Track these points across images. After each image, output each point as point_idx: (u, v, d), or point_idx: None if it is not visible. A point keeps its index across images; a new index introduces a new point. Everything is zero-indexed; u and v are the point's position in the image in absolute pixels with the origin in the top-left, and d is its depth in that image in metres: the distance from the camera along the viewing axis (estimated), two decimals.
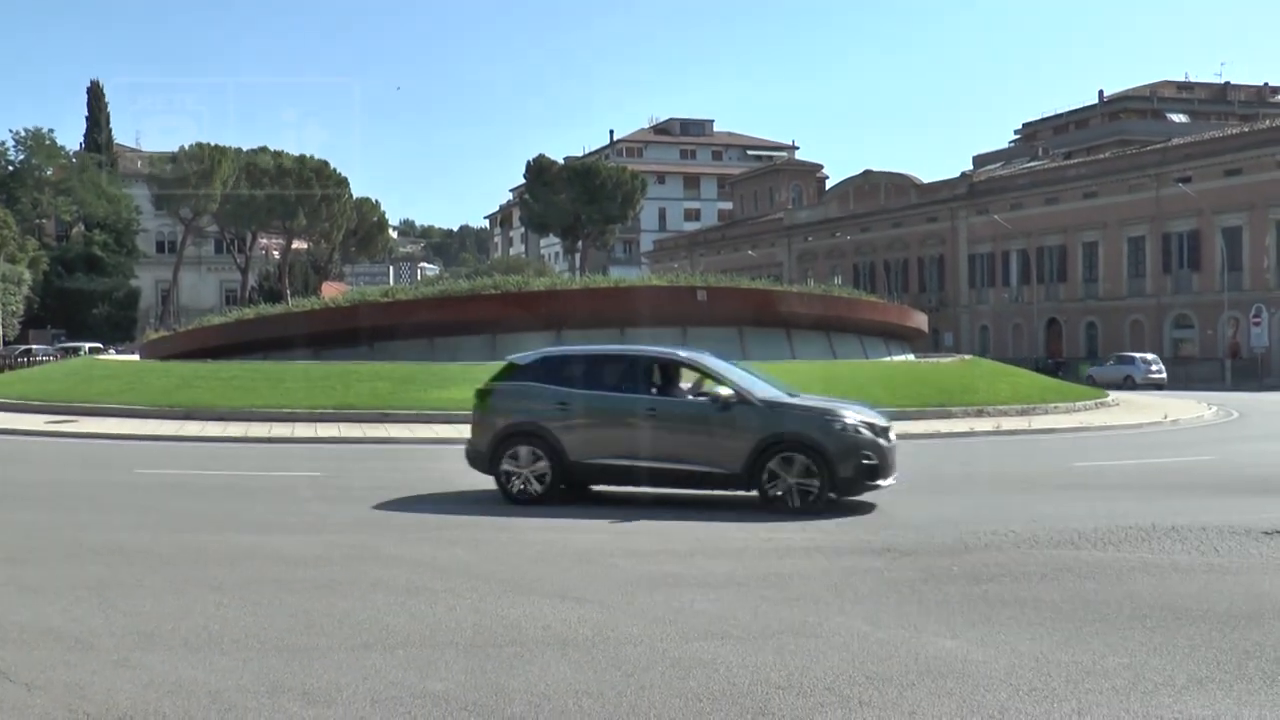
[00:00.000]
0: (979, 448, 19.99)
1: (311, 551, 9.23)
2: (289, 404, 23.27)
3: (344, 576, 8.24)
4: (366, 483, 13.87)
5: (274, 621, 6.92)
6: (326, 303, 34.21)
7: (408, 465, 16.21)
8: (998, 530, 10.21)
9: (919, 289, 74.48)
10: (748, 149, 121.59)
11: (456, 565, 8.69)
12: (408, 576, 8.24)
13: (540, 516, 11.06)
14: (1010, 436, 22.35)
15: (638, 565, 8.72)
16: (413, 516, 11.14)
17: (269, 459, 16.90)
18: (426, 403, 23.38)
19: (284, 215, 72.79)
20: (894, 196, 77.24)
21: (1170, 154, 59.25)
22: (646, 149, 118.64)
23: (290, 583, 8.04)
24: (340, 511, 11.45)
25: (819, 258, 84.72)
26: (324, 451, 18.16)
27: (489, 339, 31.66)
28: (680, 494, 12.18)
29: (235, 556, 8.97)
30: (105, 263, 73.87)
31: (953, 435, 21.95)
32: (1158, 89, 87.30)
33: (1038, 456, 18.40)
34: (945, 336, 71.06)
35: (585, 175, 79.35)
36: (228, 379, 25.95)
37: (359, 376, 25.84)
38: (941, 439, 21.51)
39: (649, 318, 31.86)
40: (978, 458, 18.06)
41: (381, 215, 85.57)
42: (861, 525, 10.63)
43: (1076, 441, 21.46)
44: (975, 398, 26.96)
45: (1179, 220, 58.23)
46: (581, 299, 32.05)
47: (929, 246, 74.18)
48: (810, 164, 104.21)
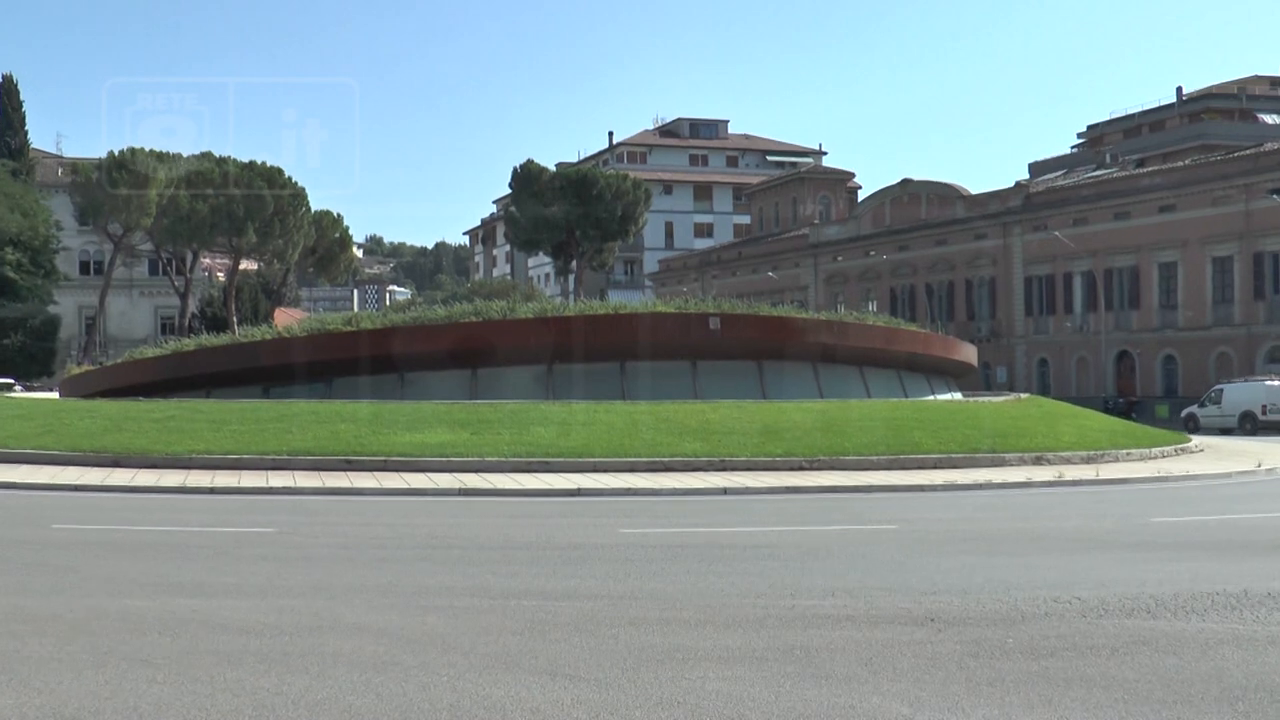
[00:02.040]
0: (1038, 500, 19.96)
1: (261, 619, 9.23)
2: (235, 449, 23.31)
3: (299, 648, 8.25)
4: (327, 540, 13.89)
5: (216, 701, 6.93)
6: (280, 332, 34.32)
7: (375, 520, 16.21)
8: (1060, 596, 10.21)
9: (967, 316, 74.66)
10: (768, 154, 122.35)
11: (431, 636, 8.70)
12: (374, 649, 8.24)
13: (527, 577, 11.07)
14: (1074, 488, 22.37)
15: (640, 636, 8.72)
16: (381, 578, 11.15)
17: (211, 513, 16.91)
18: (397, 448, 23.41)
19: (230, 231, 73.09)
20: (937, 210, 77.60)
21: (1262, 161, 59.49)
22: (651, 154, 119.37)
23: (235, 655, 8.05)
24: (295, 573, 11.46)
25: (850, 280, 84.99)
26: (276, 504, 18.17)
27: (469, 374, 31.73)
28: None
29: (170, 624, 8.98)
30: (19, 285, 73.96)
31: (1007, 486, 21.96)
32: (1247, 85, 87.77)
33: (1107, 511, 18.37)
34: (998, 372, 71.19)
35: (580, 184, 79.79)
36: (163, 420, 26.01)
37: (317, 417, 25.87)
38: (994, 490, 21.50)
39: (654, 349, 31.96)
40: (1036, 512, 18.03)
41: (344, 231, 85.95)
42: (901, 590, 10.63)
43: (1153, 493, 21.45)
44: (1033, 443, 26.98)
45: (1273, 237, 58.42)
46: (576, 328, 32.14)
47: (978, 267, 74.42)
48: (840, 172, 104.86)
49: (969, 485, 21.85)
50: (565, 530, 15.13)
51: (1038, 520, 17.01)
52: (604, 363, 32.18)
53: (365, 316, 35.64)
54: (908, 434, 26.42)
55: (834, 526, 15.99)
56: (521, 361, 31.85)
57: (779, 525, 16.10)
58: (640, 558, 12.58)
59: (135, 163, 69.04)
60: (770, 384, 33.04)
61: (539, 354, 31.65)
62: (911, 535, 14.94)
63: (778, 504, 19.18)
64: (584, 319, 33.04)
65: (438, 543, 13.89)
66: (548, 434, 24.92)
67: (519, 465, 22.81)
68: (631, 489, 20.53)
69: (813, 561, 12.44)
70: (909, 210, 79.95)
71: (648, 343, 31.83)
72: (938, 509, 18.45)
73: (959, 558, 12.50)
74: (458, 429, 25.20)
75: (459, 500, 19.33)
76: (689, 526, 15.74)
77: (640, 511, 17.76)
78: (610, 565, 12.05)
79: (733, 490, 20.58)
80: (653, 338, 31.94)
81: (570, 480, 21.29)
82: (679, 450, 24.11)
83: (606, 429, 25.63)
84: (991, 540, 14.36)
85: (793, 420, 26.84)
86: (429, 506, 18.27)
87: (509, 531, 15.14)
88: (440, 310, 35.02)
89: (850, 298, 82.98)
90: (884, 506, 18.75)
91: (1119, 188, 66.49)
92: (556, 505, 18.70)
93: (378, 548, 13.35)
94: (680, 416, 26.95)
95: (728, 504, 19.19)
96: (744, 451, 24.21)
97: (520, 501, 19.18)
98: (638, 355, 32.19)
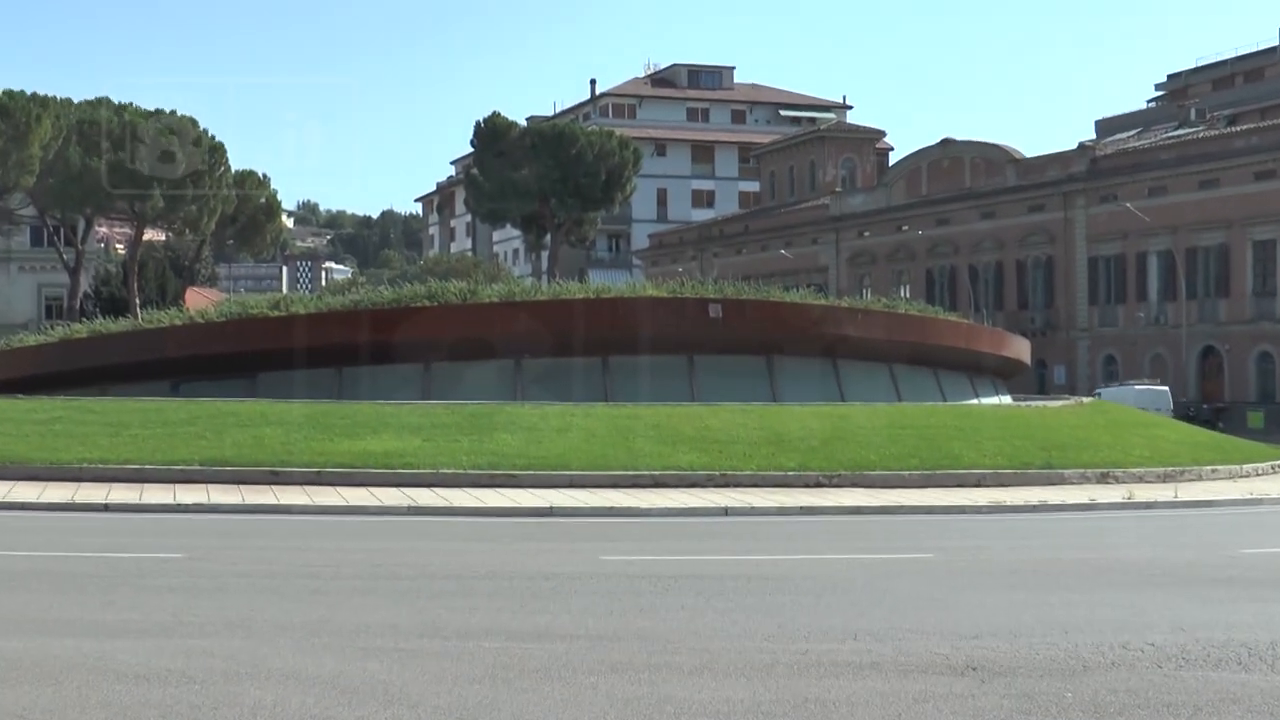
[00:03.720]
0: (1103, 525, 20.00)
1: (165, 663, 9.22)
2: (136, 458, 23.24)
3: (211, 699, 8.24)
4: (248, 568, 13.89)
5: None
6: (193, 317, 34.24)
7: (306, 544, 16.19)
8: (1130, 642, 10.25)
9: (1018, 305, 74.85)
10: (781, 108, 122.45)
11: (373, 685, 8.70)
12: (303, 701, 8.23)
13: (489, 613, 11.07)
14: (1147, 511, 22.43)
15: (624, 685, 8.73)
16: (312, 614, 11.14)
17: (106, 535, 16.86)
18: (334, 457, 23.38)
19: (132, 193, 72.82)
20: (984, 176, 77.75)
21: None
22: (641, 106, 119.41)
23: (133, 709, 8.03)
24: (208, 607, 11.45)
25: (879, 260, 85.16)
26: (186, 524, 18.13)
27: (421, 369, 31.68)
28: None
29: (52, 671, 8.95)
30: None
31: (1066, 508, 22.02)
32: None
33: (1187, 538, 18.41)
34: (1055, 371, 71.38)
35: (556, 142, 79.68)
36: (47, 422, 25.92)
37: (238, 420, 25.82)
38: (1050, 512, 21.56)
39: (643, 341, 31.92)
40: (1101, 539, 18.07)
41: (272, 196, 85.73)
42: (937, 632, 10.66)
43: (1243, 519, 21.53)
44: (1098, 457, 27.05)
45: None
46: (550, 315, 32.12)
47: (1033, 246, 74.62)
48: (867, 130, 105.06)
49: (1019, 507, 21.88)
50: (535, 557, 15.12)
51: (1103, 549, 17.04)
52: (583, 357, 32.15)
53: (297, 299, 35.57)
54: (946, 445, 26.45)
55: (856, 555, 15.99)
56: (484, 355, 31.80)
57: (790, 553, 16.10)
58: (624, 590, 12.58)
59: (13, 108, 68.61)
60: (782, 384, 33.05)
61: (505, 346, 31.60)
62: (949, 566, 14.97)
63: (789, 527, 19.20)
64: (559, 304, 33.01)
65: (382, 571, 13.88)
66: (515, 442, 24.90)
67: (480, 479, 22.79)
68: (615, 508, 20.53)
69: (830, 597, 12.47)
70: (950, 177, 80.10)
71: (636, 334, 31.77)
72: (981, 535, 18.47)
73: (1007, 594, 12.52)
74: (407, 435, 25.17)
75: (408, 520, 19.30)
76: (683, 553, 15.73)
77: (625, 535, 17.75)
78: (589, 599, 12.06)
79: (735, 510, 20.60)
80: (642, 328, 31.87)
81: (541, 497, 21.29)
82: (672, 462, 24.11)
83: (585, 436, 25.62)
84: (1046, 573, 14.39)
85: (808, 427, 26.85)
86: (372, 528, 18.24)
87: (467, 558, 15.12)
88: (387, 292, 34.91)
89: (879, 281, 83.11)
90: (916, 531, 18.77)
91: (1206, 150, 66.64)
92: (525, 527, 18.69)
93: (309, 577, 13.33)
94: (674, 421, 26.95)
95: (729, 527, 19.19)
96: (749, 464, 24.23)
97: (481, 522, 19.16)
98: (623, 348, 32.15)
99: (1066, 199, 72.35)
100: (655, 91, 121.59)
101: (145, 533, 17.17)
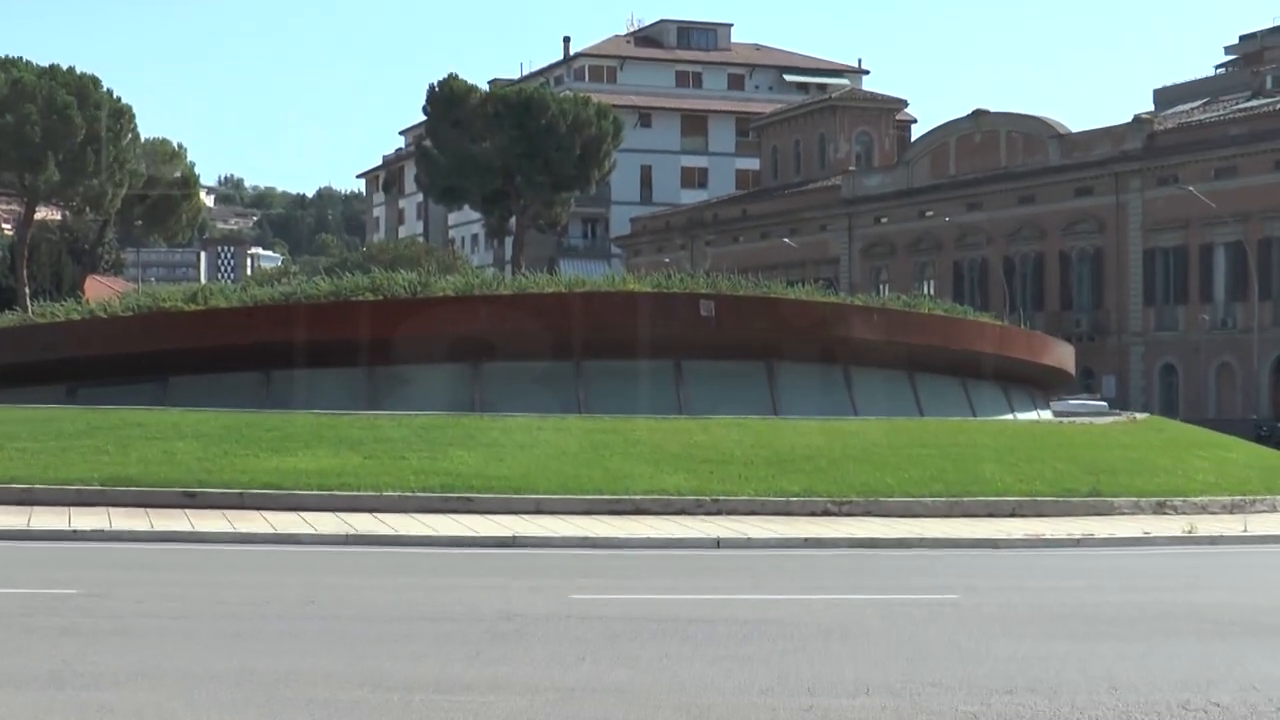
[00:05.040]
0: (1159, 563, 20.02)
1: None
2: (24, 476, 23.11)
3: None
4: (155, 606, 13.81)
5: None
6: (93, 310, 34.09)
7: (226, 578, 16.14)
8: (1190, 701, 10.27)
9: (1061, 305, 75.04)
10: (785, 72, 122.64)
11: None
12: None
13: (439, 661, 11.04)
14: (1211, 546, 22.45)
15: None
16: (232, 662, 11.10)
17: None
18: (259, 477, 23.28)
19: (22, 164, 72.57)
20: (1023, 154, 77.94)
21: None
22: (623, 69, 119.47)
23: None
24: (107, 653, 11.40)
25: (898, 251, 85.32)
26: (83, 554, 18.03)
27: (362, 374, 31.62)
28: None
29: None
30: None
31: (1116, 542, 22.04)
32: None
33: (1259, 580, 18.45)
34: (1104, 382, 71.49)
35: (522, 110, 79.69)
36: None
37: (145, 431, 25.72)
38: (1097, 547, 21.59)
39: (622, 343, 31.91)
40: (1156, 579, 18.08)
41: (188, 170, 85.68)
42: (963, 687, 10.67)
43: None
44: (1153, 482, 27.05)
45: None
46: (515, 312, 32.06)
47: (1079, 235, 74.80)
48: (887, 99, 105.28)
49: (1060, 540, 21.88)
50: (494, 594, 15.07)
51: (1158, 591, 17.05)
52: (553, 362, 32.10)
53: (217, 290, 35.42)
54: (975, 467, 26.45)
55: (869, 595, 16.01)
56: (437, 357, 31.74)
57: (793, 592, 16.12)
58: (599, 635, 12.59)
59: None
60: (784, 394, 33.02)
61: (461, 348, 31.54)
62: (978, 609, 14.99)
63: (792, 562, 19.19)
64: (526, 299, 32.93)
65: (315, 611, 13.84)
66: (472, 459, 24.86)
67: (432, 502, 22.71)
68: (588, 538, 20.50)
69: (839, 644, 12.47)
70: (982, 154, 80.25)
71: (614, 335, 31.74)
72: (1015, 573, 18.50)
73: (1045, 643, 12.52)
74: (345, 451, 25.10)
75: (346, 551, 19.25)
76: (668, 592, 15.72)
77: (600, 570, 17.75)
78: (556, 645, 12.05)
79: (729, 542, 20.57)
80: (622, 328, 31.82)
81: (502, 525, 21.24)
82: (655, 485, 24.08)
83: (554, 454, 25.58)
84: (1092, 619, 14.40)
85: (814, 445, 26.83)
86: (303, 559, 18.20)
87: (414, 595, 15.11)
88: (324, 284, 34.84)
89: (898, 275, 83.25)
90: (940, 568, 18.80)
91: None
92: (483, 559, 18.67)
93: (229, 617, 13.28)
94: (658, 437, 26.93)
95: (722, 561, 19.20)
96: (746, 488, 24.20)
97: (432, 554, 19.10)
98: (600, 352, 32.11)
99: (1119, 181, 72.50)
100: (639, 52, 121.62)
101: (33, 564, 17.06)
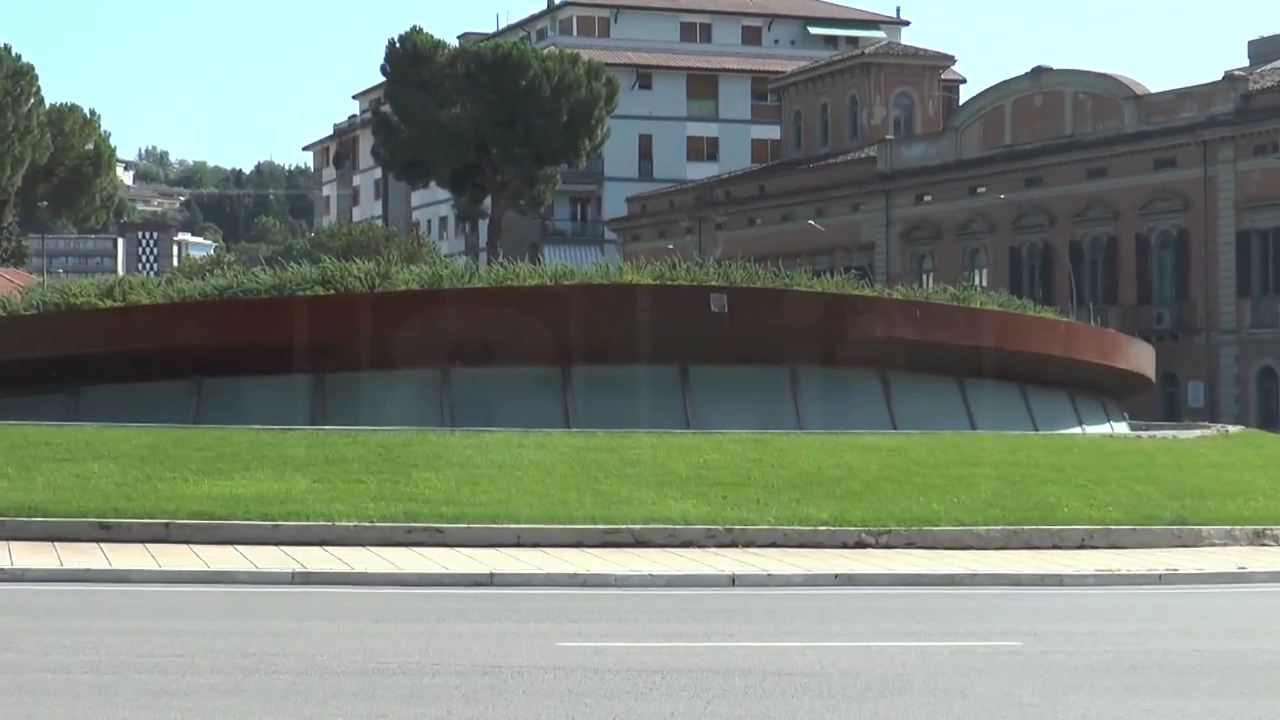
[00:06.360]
0: (1257, 603, 20.03)
1: None
2: None
3: None
4: (66, 658, 13.81)
5: None
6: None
7: (151, 626, 16.12)
8: None
9: (1138, 298, 74.98)
10: (811, 23, 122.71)
11: None
12: None
13: None
14: None
15: None
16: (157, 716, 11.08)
17: None
18: (188, 504, 23.25)
19: None
20: (1091, 119, 77.92)
21: None
22: (618, 21, 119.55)
23: None
24: (8, 717, 11.35)
25: (945, 235, 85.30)
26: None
27: (312, 382, 31.61)
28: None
29: None
30: None
31: (1204, 578, 22.05)
32: None
33: None
34: (1189, 389, 71.45)
35: (499, 70, 79.75)
36: None
37: (53, 451, 25.71)
38: (1183, 584, 21.59)
39: (618, 345, 31.89)
40: (1253, 623, 18.09)
41: (102, 141, 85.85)
42: None
43: None
44: (1250, 508, 27.03)
45: None
46: (490, 308, 32.03)
47: (1159, 216, 74.76)
48: (930, 54, 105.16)
49: (1139, 576, 21.89)
50: (468, 644, 15.11)
51: (1258, 637, 17.05)
52: (536, 366, 32.10)
53: (138, 284, 35.37)
54: (1037, 491, 26.44)
55: (913, 642, 16.05)
56: (399, 362, 31.71)
57: (822, 639, 16.12)
58: (592, 692, 12.58)
59: None
60: (810, 404, 33.03)
61: (428, 351, 31.53)
62: (1044, 659, 14.99)
63: (820, 603, 19.22)
64: (504, 294, 32.90)
65: (255, 664, 13.80)
66: (441, 483, 24.85)
67: (393, 534, 22.73)
68: (578, 574, 20.53)
69: (878, 702, 12.47)
70: (1044, 120, 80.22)
71: (608, 335, 31.76)
72: (1087, 615, 18.51)
73: (1125, 699, 12.51)
74: (292, 473, 25.09)
75: (292, 592, 19.28)
76: (672, 639, 15.75)
77: (593, 613, 17.76)
78: (542, 704, 12.05)
79: (746, 579, 20.60)
80: (617, 327, 31.88)
81: (478, 560, 21.25)
82: (657, 512, 24.07)
83: (539, 475, 25.57)
84: (1180, 669, 14.38)
85: (846, 464, 26.84)
86: (241, 602, 18.22)
87: (375, 644, 15.10)
88: (264, 276, 34.78)
89: (944, 263, 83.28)
90: (997, 609, 18.82)
91: None
92: (455, 601, 18.68)
93: (153, 672, 13.25)
94: (660, 456, 26.93)
95: (737, 602, 19.21)
96: (765, 515, 24.19)
97: (394, 594, 19.16)
98: (591, 355, 32.11)
99: (1207, 150, 72.33)
100: (636, 1, 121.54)
101: None
